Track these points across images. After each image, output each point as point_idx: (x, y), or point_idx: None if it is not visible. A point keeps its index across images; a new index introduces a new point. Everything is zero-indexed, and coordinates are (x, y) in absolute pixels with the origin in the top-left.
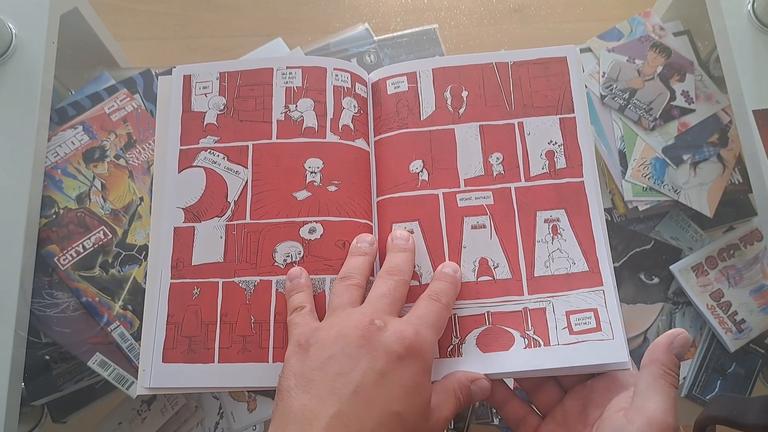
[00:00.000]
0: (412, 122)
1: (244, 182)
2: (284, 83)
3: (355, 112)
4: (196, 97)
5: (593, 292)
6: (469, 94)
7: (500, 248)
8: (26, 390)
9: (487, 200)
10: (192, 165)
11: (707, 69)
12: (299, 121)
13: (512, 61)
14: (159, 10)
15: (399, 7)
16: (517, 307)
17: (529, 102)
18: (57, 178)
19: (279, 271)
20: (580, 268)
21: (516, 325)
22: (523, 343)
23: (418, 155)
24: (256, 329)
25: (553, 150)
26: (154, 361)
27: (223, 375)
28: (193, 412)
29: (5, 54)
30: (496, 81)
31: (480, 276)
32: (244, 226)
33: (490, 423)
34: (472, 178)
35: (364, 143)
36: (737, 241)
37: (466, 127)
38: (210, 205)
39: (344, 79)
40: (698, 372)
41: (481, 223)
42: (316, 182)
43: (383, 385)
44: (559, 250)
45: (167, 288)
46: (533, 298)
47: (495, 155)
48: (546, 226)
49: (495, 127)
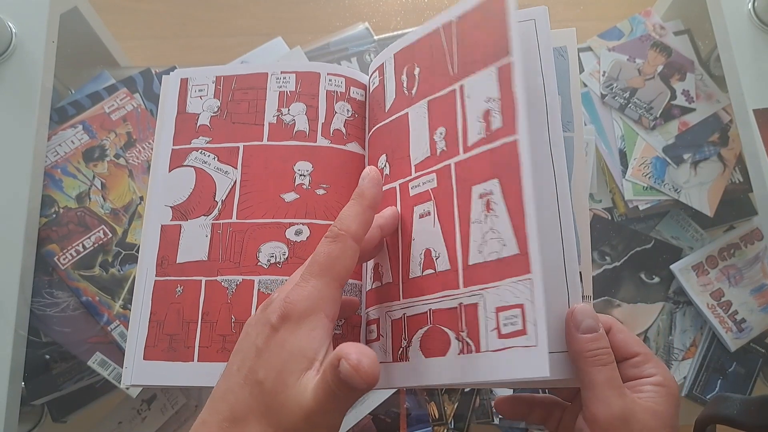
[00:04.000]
0: (380, 116)
1: (233, 182)
2: (278, 87)
3: (349, 116)
4: (192, 99)
5: (521, 282)
6: (421, 69)
7: (441, 236)
8: (26, 389)
9: (431, 184)
10: (182, 164)
11: (708, 68)
12: (291, 125)
13: (456, 17)
14: (159, 10)
15: (399, 6)
16: (453, 303)
17: (470, 59)
18: (57, 177)
19: (262, 271)
20: (510, 250)
21: (452, 324)
22: (457, 348)
23: (383, 150)
24: (236, 329)
25: (489, 108)
26: (136, 358)
27: (201, 374)
28: (193, 411)
29: (5, 53)
30: (441, 46)
31: (425, 269)
32: (230, 225)
33: (490, 422)
34: (421, 161)
35: (357, 147)
36: (738, 241)
37: (417, 107)
38: (198, 204)
39: (338, 83)
40: (698, 371)
41: (427, 210)
42: (304, 185)
43: (264, 360)
44: (491, 230)
45: (151, 285)
46: (467, 291)
47: (439, 130)
48: (480, 202)
49: (440, 99)
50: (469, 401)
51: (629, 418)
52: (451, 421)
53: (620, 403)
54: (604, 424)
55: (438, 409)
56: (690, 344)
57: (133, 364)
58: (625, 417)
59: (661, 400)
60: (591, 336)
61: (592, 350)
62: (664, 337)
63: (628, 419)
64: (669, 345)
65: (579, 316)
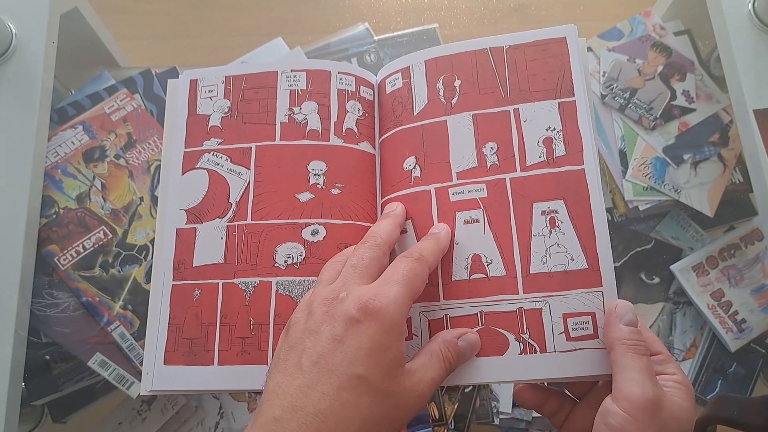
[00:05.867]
0: (405, 119)
1: (246, 183)
2: (288, 86)
3: (359, 115)
4: (202, 101)
5: (591, 293)
6: (462, 82)
7: (494, 243)
8: (26, 390)
9: (481, 193)
10: (195, 167)
11: (708, 68)
12: (303, 124)
13: (508, 45)
14: (159, 10)
15: (399, 7)
16: (511, 307)
17: (525, 87)
18: (57, 177)
19: (279, 272)
20: (578, 265)
21: (510, 326)
22: (518, 348)
23: (411, 152)
24: (255, 331)
25: (551, 137)
26: (156, 363)
27: (222, 377)
28: (194, 412)
29: (5, 54)
30: (490, 67)
31: (473, 273)
32: (245, 227)
33: (490, 423)
34: (465, 170)
35: (368, 146)
36: (738, 241)
37: (459, 118)
38: (212, 206)
39: (348, 82)
40: (699, 372)
41: (474, 217)
42: (319, 185)
43: (342, 351)
44: (556, 245)
45: (169, 290)
46: (529, 297)
47: (489, 145)
48: (543, 218)
49: (489, 115)
50: (469, 401)
51: (661, 405)
52: (452, 422)
53: (655, 389)
54: (638, 405)
55: (438, 410)
56: (690, 344)
57: (154, 370)
58: (658, 402)
59: (685, 397)
60: (632, 328)
61: (632, 339)
62: (664, 338)
63: (660, 405)
64: (669, 345)
65: (622, 310)
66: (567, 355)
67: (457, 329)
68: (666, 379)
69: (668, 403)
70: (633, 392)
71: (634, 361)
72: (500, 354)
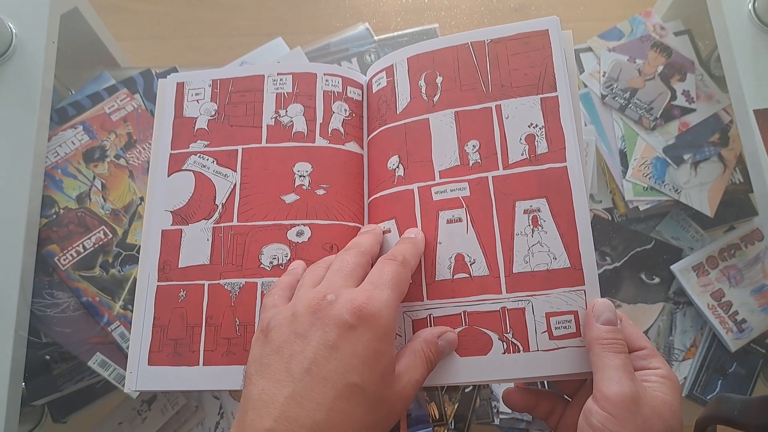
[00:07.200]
0: (389, 117)
1: (233, 185)
2: (275, 89)
3: (346, 115)
4: (188, 103)
5: (574, 291)
6: (444, 79)
7: (477, 243)
8: (26, 390)
9: (463, 192)
10: (181, 169)
11: (708, 68)
12: (289, 126)
13: (489, 39)
14: (159, 10)
15: (399, 7)
16: (494, 307)
17: (507, 82)
18: (57, 178)
19: (264, 273)
20: (561, 264)
21: (494, 326)
22: (501, 348)
23: (394, 151)
24: (241, 331)
25: (533, 133)
26: (141, 363)
27: (207, 378)
28: (194, 412)
29: (5, 54)
30: (471, 62)
31: (456, 273)
32: (231, 228)
33: (490, 423)
34: (448, 169)
35: (356, 146)
36: (738, 241)
37: (441, 115)
38: (198, 208)
39: (335, 83)
40: (699, 372)
41: (457, 216)
42: (304, 186)
43: (336, 358)
44: (539, 244)
45: (154, 290)
46: (512, 296)
47: (471, 143)
48: (525, 217)
49: (471, 112)
50: (469, 402)
51: (640, 401)
52: (452, 422)
53: (633, 385)
54: (617, 402)
55: (438, 410)
56: (690, 345)
57: (138, 370)
58: (636, 398)
59: (668, 391)
60: (609, 327)
61: (608, 338)
62: (664, 338)
63: (639, 401)
64: (669, 345)
65: (599, 309)
66: (550, 353)
67: (437, 328)
68: (649, 374)
69: (649, 399)
70: (611, 390)
71: (610, 359)
72: (484, 353)
